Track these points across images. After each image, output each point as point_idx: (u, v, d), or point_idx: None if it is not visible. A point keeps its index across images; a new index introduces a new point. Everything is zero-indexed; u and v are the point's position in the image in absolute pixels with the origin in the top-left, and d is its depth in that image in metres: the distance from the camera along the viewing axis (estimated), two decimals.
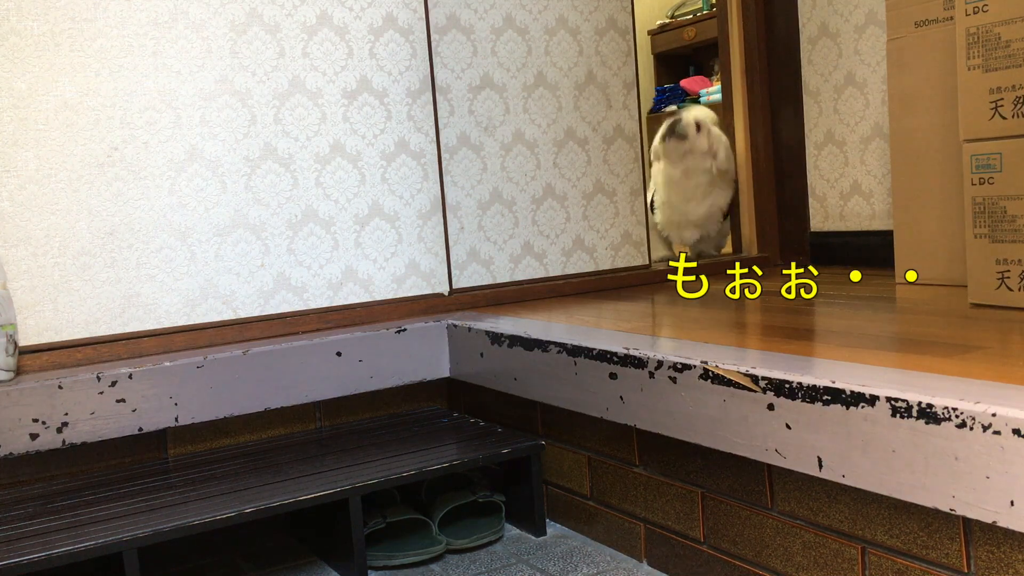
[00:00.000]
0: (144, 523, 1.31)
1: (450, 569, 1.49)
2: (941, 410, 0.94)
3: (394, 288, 1.97)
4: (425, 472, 1.49)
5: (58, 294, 1.65)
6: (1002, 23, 1.47)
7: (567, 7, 2.19)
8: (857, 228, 2.26)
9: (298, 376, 1.69)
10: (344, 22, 1.90)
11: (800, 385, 1.09)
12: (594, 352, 1.43)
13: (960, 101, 1.55)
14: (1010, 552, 0.94)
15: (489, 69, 2.08)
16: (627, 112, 2.29)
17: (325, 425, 1.81)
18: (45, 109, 1.63)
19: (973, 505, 0.92)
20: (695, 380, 1.24)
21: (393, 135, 1.96)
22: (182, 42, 1.74)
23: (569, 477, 1.62)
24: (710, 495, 1.33)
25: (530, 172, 2.14)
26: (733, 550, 1.29)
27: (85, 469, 1.60)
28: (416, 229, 1.99)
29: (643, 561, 1.47)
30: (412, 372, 1.81)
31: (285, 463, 1.57)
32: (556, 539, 1.59)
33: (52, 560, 1.22)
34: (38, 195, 1.63)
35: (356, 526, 1.43)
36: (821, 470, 1.08)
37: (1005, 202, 1.49)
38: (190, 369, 1.60)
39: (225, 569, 1.56)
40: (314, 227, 1.88)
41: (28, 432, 1.48)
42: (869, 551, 1.10)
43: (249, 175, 1.81)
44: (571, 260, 2.21)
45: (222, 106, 1.78)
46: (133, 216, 1.70)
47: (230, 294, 1.80)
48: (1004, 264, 1.50)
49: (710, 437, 1.23)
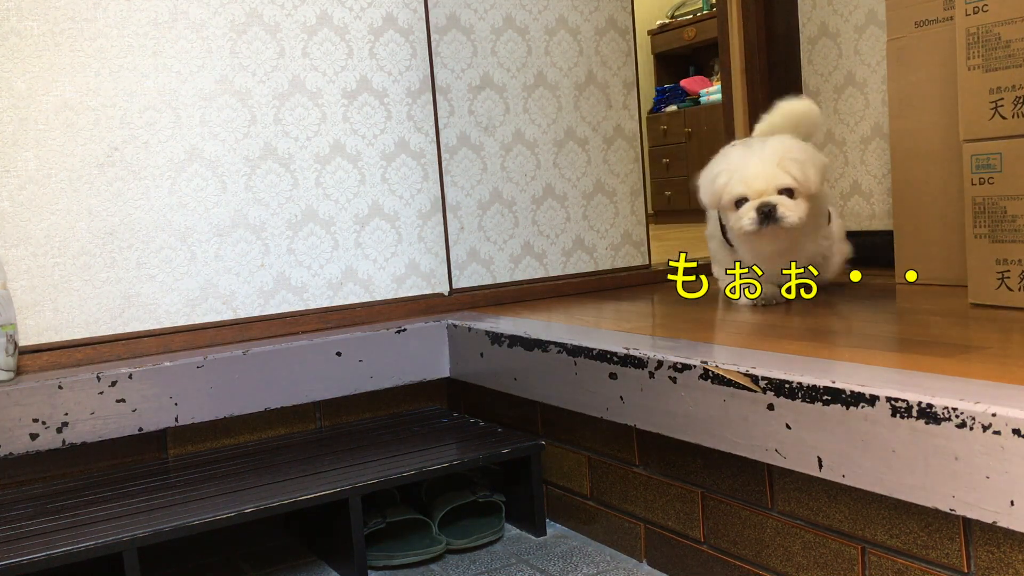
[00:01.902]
0: (144, 523, 1.31)
1: (450, 569, 1.49)
2: (941, 410, 0.94)
3: (394, 288, 1.97)
4: (425, 472, 1.49)
5: (58, 294, 1.65)
6: (1002, 23, 1.47)
7: (567, 7, 2.19)
8: (857, 228, 2.26)
9: (298, 376, 1.69)
10: (344, 22, 1.90)
11: (800, 385, 1.09)
12: (594, 352, 1.43)
13: (960, 101, 1.55)
14: (1010, 552, 0.94)
15: (489, 69, 2.08)
16: (627, 112, 2.29)
17: (325, 425, 1.81)
18: (45, 109, 1.63)
19: (973, 505, 0.92)
20: (695, 380, 1.24)
21: (393, 135, 1.96)
22: (182, 42, 1.74)
23: (569, 477, 1.62)
24: (710, 495, 1.33)
25: (530, 172, 2.14)
26: (733, 550, 1.29)
27: (85, 469, 1.60)
28: (416, 229, 1.99)
29: (643, 561, 1.47)
30: (412, 372, 1.81)
31: (285, 463, 1.57)
32: (556, 539, 1.59)
33: (52, 560, 1.22)
34: (38, 195, 1.63)
35: (356, 526, 1.43)
36: (821, 470, 1.08)
37: (1005, 202, 1.49)
38: (190, 369, 1.60)
39: (225, 569, 1.56)
40: (314, 227, 1.88)
41: (28, 432, 1.48)
42: (869, 551, 1.10)
43: (249, 175, 1.81)
44: (571, 260, 2.21)
45: (222, 106, 1.78)
46: (133, 216, 1.70)
47: (230, 294, 1.80)
48: (1004, 264, 1.50)
49: (710, 437, 1.23)
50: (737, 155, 1.67)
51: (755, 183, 1.61)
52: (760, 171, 1.61)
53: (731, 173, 1.64)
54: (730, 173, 1.64)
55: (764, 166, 1.62)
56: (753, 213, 1.60)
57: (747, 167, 1.62)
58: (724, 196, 1.65)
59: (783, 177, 1.61)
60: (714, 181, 1.67)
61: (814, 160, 1.65)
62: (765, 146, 1.65)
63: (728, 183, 1.64)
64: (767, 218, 1.60)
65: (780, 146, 1.64)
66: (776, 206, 1.60)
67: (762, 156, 1.63)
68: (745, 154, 1.66)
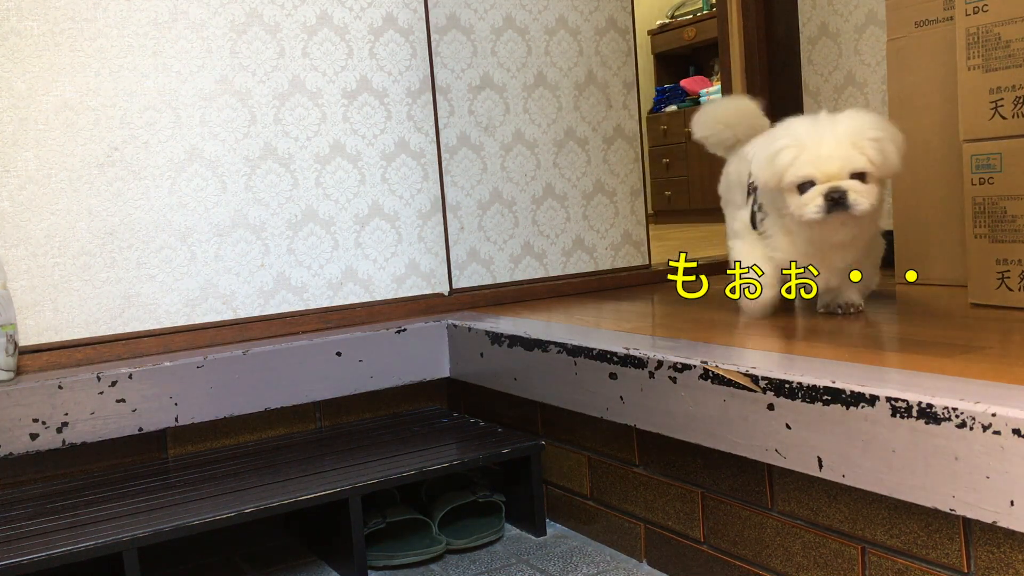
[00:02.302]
0: (144, 523, 1.31)
1: (450, 569, 1.49)
2: (941, 410, 0.94)
3: (394, 288, 1.97)
4: (425, 472, 1.49)
5: (58, 294, 1.65)
6: (1002, 23, 1.47)
7: (567, 7, 2.19)
8: None
9: (298, 376, 1.69)
10: (344, 22, 1.90)
11: (800, 385, 1.09)
12: (594, 352, 1.43)
13: (960, 101, 1.55)
14: (1010, 552, 0.94)
15: (489, 69, 2.08)
16: (627, 112, 2.29)
17: (325, 425, 1.81)
18: (45, 109, 1.63)
19: (973, 505, 0.92)
20: (695, 380, 1.24)
21: (393, 135, 1.96)
22: (182, 42, 1.74)
23: (569, 477, 1.62)
24: (710, 495, 1.33)
25: (530, 172, 2.14)
26: (733, 550, 1.29)
27: (85, 469, 1.60)
28: (416, 229, 1.99)
29: (643, 561, 1.47)
30: (412, 372, 1.81)
31: (285, 463, 1.57)
32: (556, 539, 1.59)
33: (52, 560, 1.22)
34: (38, 195, 1.63)
35: (356, 526, 1.43)
36: (821, 470, 1.08)
37: (1005, 202, 1.49)
38: (190, 369, 1.60)
39: (225, 569, 1.56)
40: (314, 227, 1.88)
41: (28, 432, 1.48)
42: (869, 551, 1.10)
43: (249, 175, 1.81)
44: (571, 260, 2.21)
45: (222, 106, 1.78)
46: (133, 216, 1.70)
47: (230, 294, 1.80)
48: (1004, 264, 1.50)
49: (710, 437, 1.23)
50: (805, 130, 1.45)
51: (828, 165, 1.40)
52: (834, 152, 1.40)
53: (799, 150, 1.42)
54: (798, 150, 1.42)
55: (839, 146, 1.40)
56: (820, 200, 1.40)
57: (820, 145, 1.41)
58: (787, 176, 1.43)
59: (859, 159, 1.40)
60: (776, 157, 1.44)
61: (893, 137, 1.44)
62: (837, 122, 1.44)
63: (794, 162, 1.42)
64: (836, 205, 1.40)
65: (855, 122, 1.43)
66: (847, 192, 1.39)
67: (835, 133, 1.41)
68: (814, 129, 1.44)
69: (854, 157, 1.40)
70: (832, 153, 1.40)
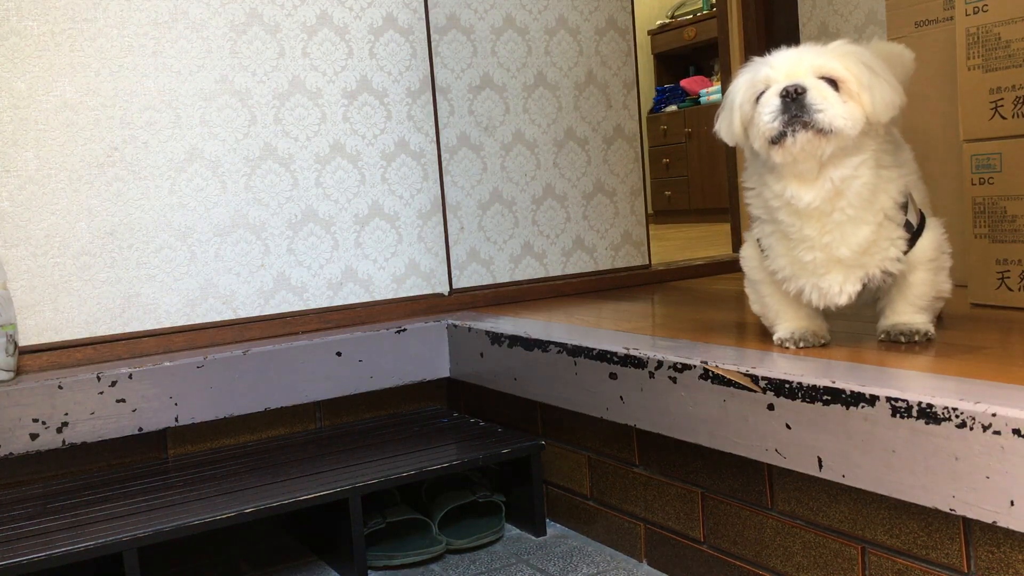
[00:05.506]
0: (144, 523, 1.31)
1: (450, 569, 1.49)
2: (941, 410, 0.94)
3: (394, 288, 1.97)
4: (425, 472, 1.49)
5: (58, 294, 1.65)
6: (1002, 23, 1.47)
7: (567, 7, 2.19)
8: None
9: (298, 376, 1.69)
10: (344, 22, 1.90)
11: (800, 385, 1.09)
12: (594, 352, 1.43)
13: (960, 101, 1.55)
14: (1010, 552, 0.94)
15: (489, 69, 2.08)
16: (627, 112, 2.29)
17: (325, 425, 1.81)
18: (45, 109, 1.63)
19: (973, 505, 0.92)
20: (695, 380, 1.24)
21: (393, 135, 1.96)
22: (182, 42, 1.74)
23: (569, 477, 1.62)
24: (710, 495, 1.33)
25: (530, 172, 2.14)
26: (733, 550, 1.29)
27: (85, 469, 1.60)
28: (416, 229, 1.99)
29: (643, 561, 1.47)
30: (412, 372, 1.81)
31: (285, 463, 1.57)
32: (556, 539, 1.59)
33: (52, 560, 1.22)
34: (38, 195, 1.63)
35: (356, 526, 1.43)
36: (821, 470, 1.08)
37: (1005, 202, 1.49)
38: (190, 369, 1.60)
39: (225, 569, 1.56)
40: (314, 227, 1.88)
41: (28, 432, 1.48)
42: (869, 551, 1.10)
43: (249, 175, 1.81)
44: (571, 260, 2.21)
45: (222, 106, 1.78)
46: (133, 216, 1.70)
47: (230, 294, 1.80)
48: (1004, 264, 1.50)
49: (710, 437, 1.23)
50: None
51: (791, 65, 1.14)
52: (801, 54, 1.15)
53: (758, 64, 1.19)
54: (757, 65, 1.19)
55: (807, 50, 1.15)
56: (776, 100, 1.12)
57: (783, 52, 1.17)
58: (743, 93, 1.17)
59: (831, 63, 1.12)
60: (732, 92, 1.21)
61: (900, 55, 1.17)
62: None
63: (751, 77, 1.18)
64: (795, 108, 1.10)
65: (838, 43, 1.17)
66: (808, 90, 1.11)
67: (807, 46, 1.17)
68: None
69: (825, 60, 1.13)
70: (792, 55, 1.16)
